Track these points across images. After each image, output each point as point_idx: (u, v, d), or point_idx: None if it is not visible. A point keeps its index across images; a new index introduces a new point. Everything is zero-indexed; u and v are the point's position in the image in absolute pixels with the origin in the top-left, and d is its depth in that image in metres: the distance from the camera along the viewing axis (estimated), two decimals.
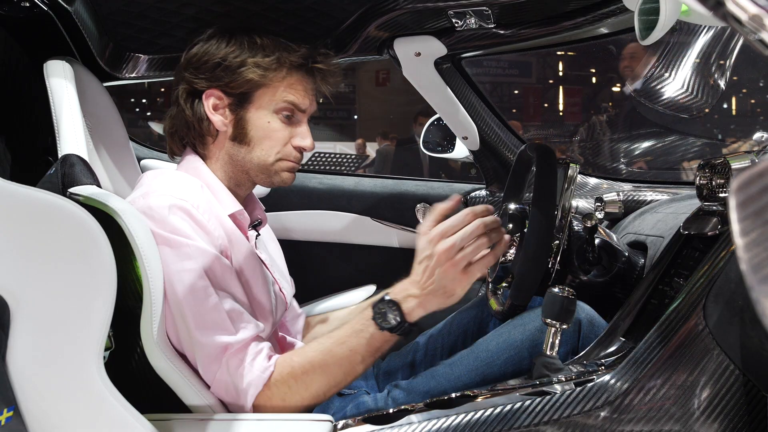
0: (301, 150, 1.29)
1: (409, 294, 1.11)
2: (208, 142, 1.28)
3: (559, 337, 1.10)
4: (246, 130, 1.25)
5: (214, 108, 1.25)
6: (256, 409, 1.10)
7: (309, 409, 1.14)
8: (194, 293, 1.08)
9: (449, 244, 1.09)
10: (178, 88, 1.28)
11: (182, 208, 1.12)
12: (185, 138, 1.29)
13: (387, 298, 1.12)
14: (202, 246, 1.11)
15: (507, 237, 1.13)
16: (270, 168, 1.28)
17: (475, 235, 1.09)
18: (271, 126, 1.25)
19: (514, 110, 11.95)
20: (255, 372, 1.09)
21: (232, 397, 1.10)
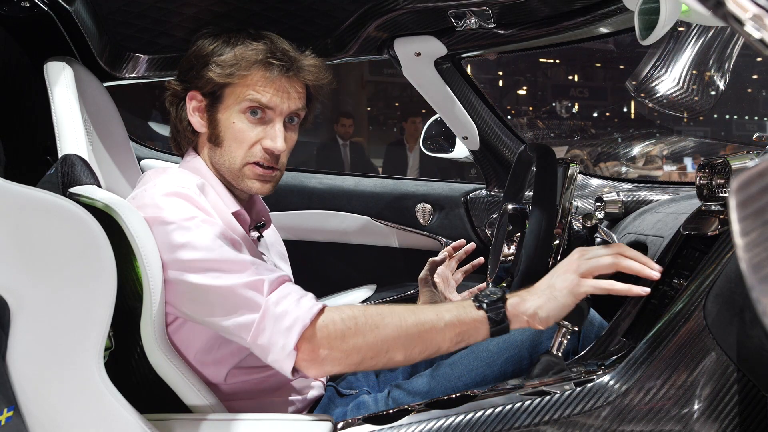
0: (270, 152, 1.22)
1: (518, 293, 1.08)
2: (194, 144, 1.29)
3: (567, 338, 1.10)
4: (218, 131, 1.24)
5: (194, 110, 1.25)
6: (299, 351, 1.02)
7: (353, 369, 1.08)
8: (211, 251, 1.06)
9: (586, 251, 1.07)
10: (167, 92, 1.29)
11: (182, 194, 1.12)
12: (176, 139, 1.32)
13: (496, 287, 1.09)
14: (207, 218, 1.10)
15: (638, 289, 1.04)
16: (238, 172, 1.24)
17: (616, 253, 1.05)
18: (236, 126, 1.22)
19: (423, 110, 12.24)
20: (302, 308, 1.03)
21: (275, 341, 1.03)
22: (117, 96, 1.47)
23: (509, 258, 1.43)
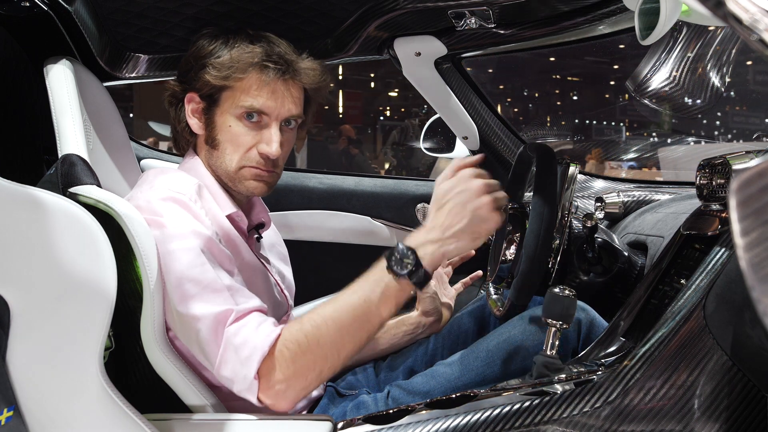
0: (265, 156, 1.22)
1: (428, 239, 1.04)
2: (194, 145, 1.29)
3: (559, 337, 1.10)
4: (214, 134, 1.24)
5: (192, 112, 1.25)
6: (261, 378, 1.02)
7: (318, 385, 1.06)
8: (191, 268, 1.06)
9: (486, 182, 1.04)
10: (166, 93, 1.29)
11: (178, 200, 1.12)
12: (176, 140, 1.32)
13: (401, 245, 1.05)
14: (198, 229, 1.10)
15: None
16: (234, 175, 1.24)
17: (485, 185, 1.04)
18: (232, 130, 1.21)
19: None
20: (260, 336, 1.03)
21: (237, 372, 1.03)
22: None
23: (509, 258, 1.43)
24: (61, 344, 0.92)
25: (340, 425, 1.06)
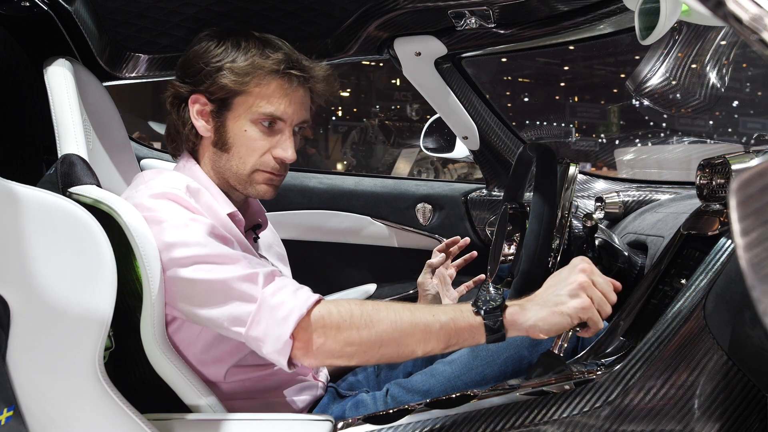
0: (281, 161, 1.24)
1: (519, 300, 1.06)
2: (195, 147, 1.28)
3: (568, 339, 1.10)
4: (225, 138, 1.23)
5: (198, 113, 1.24)
6: (295, 340, 1.02)
7: (348, 366, 1.05)
8: (202, 248, 1.06)
9: (592, 266, 1.04)
10: (168, 92, 1.28)
11: (171, 196, 1.12)
12: (175, 141, 1.31)
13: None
14: (196, 218, 1.10)
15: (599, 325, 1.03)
16: (246, 178, 1.24)
17: (612, 292, 1.03)
18: (247, 135, 1.21)
19: None
20: (299, 299, 1.03)
21: (270, 331, 1.02)
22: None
23: (509, 258, 1.43)
24: (61, 344, 0.92)
25: (339, 425, 1.06)
